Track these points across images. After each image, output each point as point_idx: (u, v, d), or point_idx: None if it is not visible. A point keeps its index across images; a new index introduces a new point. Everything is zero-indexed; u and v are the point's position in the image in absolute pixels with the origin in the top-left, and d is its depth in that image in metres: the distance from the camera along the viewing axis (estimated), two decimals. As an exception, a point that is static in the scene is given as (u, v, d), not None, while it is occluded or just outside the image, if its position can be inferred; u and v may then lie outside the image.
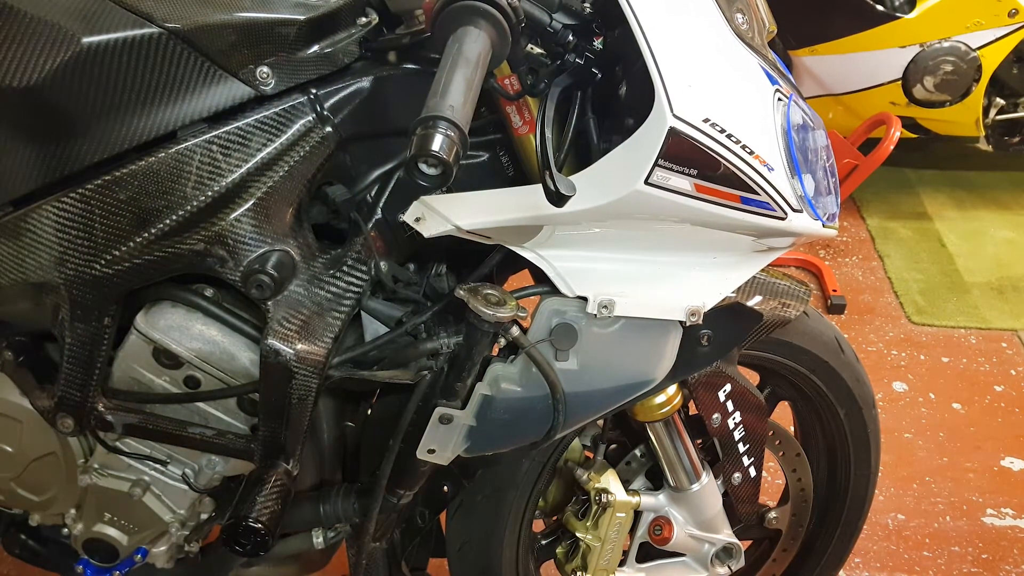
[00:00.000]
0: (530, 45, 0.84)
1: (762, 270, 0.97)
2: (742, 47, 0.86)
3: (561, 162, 0.89)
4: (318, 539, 1.12)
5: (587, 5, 0.85)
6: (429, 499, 1.19)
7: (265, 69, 0.84)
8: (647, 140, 0.78)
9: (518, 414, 0.94)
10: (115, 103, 0.79)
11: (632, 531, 1.21)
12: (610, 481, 1.16)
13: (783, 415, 1.34)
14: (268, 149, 0.85)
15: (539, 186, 0.75)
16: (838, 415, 1.30)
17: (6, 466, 1.02)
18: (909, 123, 2.99)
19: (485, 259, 0.96)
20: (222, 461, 1.02)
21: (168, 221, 0.83)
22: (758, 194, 0.82)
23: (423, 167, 0.65)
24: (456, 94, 0.67)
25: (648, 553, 1.24)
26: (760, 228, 0.85)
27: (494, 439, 0.97)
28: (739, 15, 0.88)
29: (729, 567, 1.25)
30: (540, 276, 0.91)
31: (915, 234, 3.10)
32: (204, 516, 1.08)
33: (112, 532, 1.06)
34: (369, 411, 1.10)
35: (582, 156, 0.91)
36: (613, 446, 1.25)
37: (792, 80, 0.96)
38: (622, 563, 1.24)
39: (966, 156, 3.58)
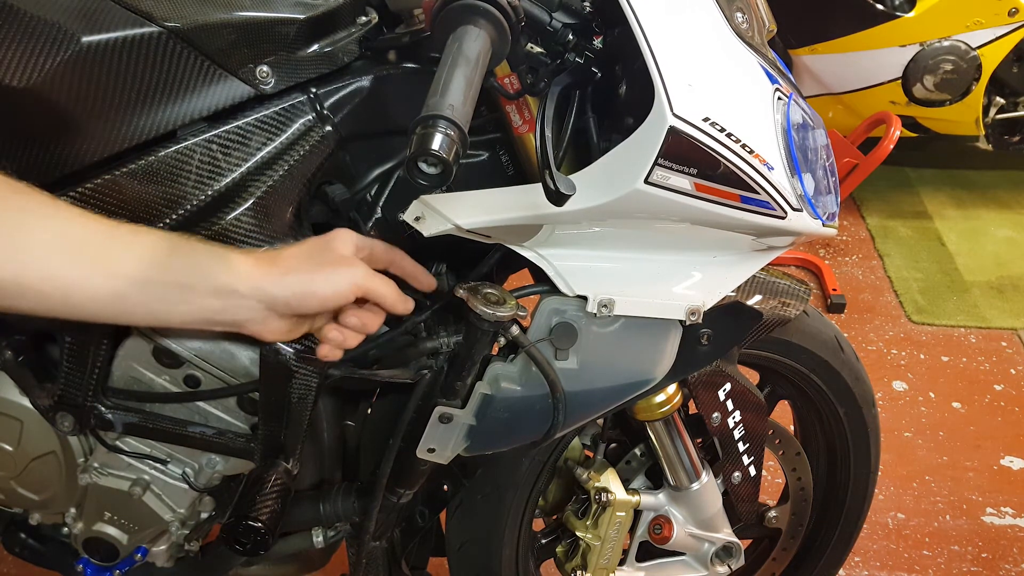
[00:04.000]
0: (530, 44, 0.84)
1: (762, 269, 0.97)
2: (742, 46, 0.86)
3: (560, 161, 0.89)
4: (318, 538, 1.12)
5: (587, 4, 0.85)
6: (429, 498, 1.19)
7: (265, 68, 0.84)
8: (647, 139, 0.78)
9: (518, 413, 0.94)
10: (115, 102, 0.79)
11: (632, 530, 1.21)
12: (610, 480, 1.16)
13: (783, 414, 1.34)
14: (268, 148, 0.85)
15: (539, 185, 0.75)
16: (838, 414, 1.30)
17: (6, 465, 1.02)
18: (909, 122, 2.99)
19: (484, 258, 0.96)
20: (222, 460, 1.02)
21: (168, 220, 0.83)
22: (758, 193, 0.82)
23: (423, 166, 0.65)
24: (456, 93, 0.67)
25: (648, 552, 1.25)
26: (760, 227, 0.85)
27: (494, 438, 0.97)
28: (739, 14, 0.88)
29: (729, 566, 1.25)
30: (540, 275, 0.91)
31: (915, 233, 3.11)
32: (204, 515, 1.08)
33: (112, 531, 1.06)
34: (369, 410, 1.10)
35: (582, 155, 0.91)
36: (613, 445, 1.25)
37: (792, 79, 0.95)
38: (622, 562, 1.24)
39: (966, 155, 3.58)
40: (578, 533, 1.19)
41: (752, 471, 1.23)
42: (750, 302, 1.08)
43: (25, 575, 1.53)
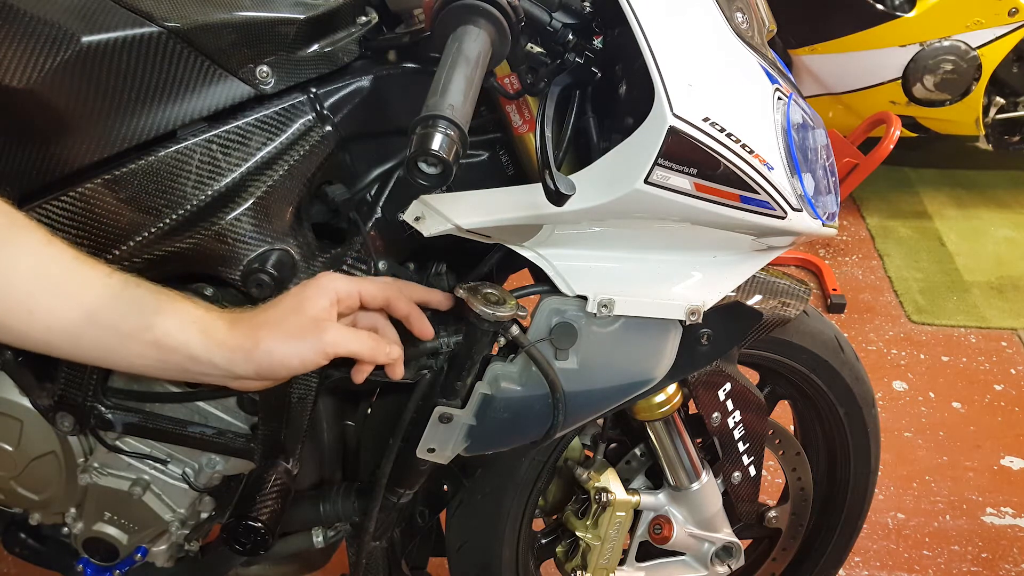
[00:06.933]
0: (530, 44, 0.84)
1: (762, 269, 0.97)
2: (742, 46, 0.86)
3: (561, 161, 0.89)
4: (318, 538, 1.12)
5: (587, 4, 0.85)
6: (429, 498, 1.19)
7: (265, 68, 0.84)
8: (647, 139, 0.78)
9: (518, 413, 0.94)
10: (115, 102, 0.79)
11: (632, 530, 1.21)
12: (610, 480, 1.16)
13: (783, 414, 1.34)
14: (268, 148, 0.85)
15: (539, 185, 0.75)
16: (838, 414, 1.30)
17: (6, 465, 1.02)
18: (909, 122, 2.99)
19: (484, 258, 0.96)
20: (222, 460, 1.02)
21: (168, 220, 0.83)
22: (758, 193, 0.82)
23: (423, 166, 0.65)
24: (456, 93, 0.67)
25: (648, 552, 1.25)
26: (760, 227, 0.85)
27: (494, 438, 0.97)
28: (739, 14, 0.88)
29: (729, 566, 1.25)
30: (540, 275, 0.91)
31: (915, 233, 3.11)
32: (204, 515, 1.08)
33: (112, 531, 1.06)
34: (369, 410, 1.10)
35: (582, 155, 0.91)
36: (613, 445, 1.25)
37: (792, 79, 0.95)
38: (622, 562, 1.24)
39: (966, 155, 3.59)
40: (578, 533, 1.19)
41: (752, 471, 1.23)
42: (750, 302, 1.08)
43: (25, 575, 1.53)
